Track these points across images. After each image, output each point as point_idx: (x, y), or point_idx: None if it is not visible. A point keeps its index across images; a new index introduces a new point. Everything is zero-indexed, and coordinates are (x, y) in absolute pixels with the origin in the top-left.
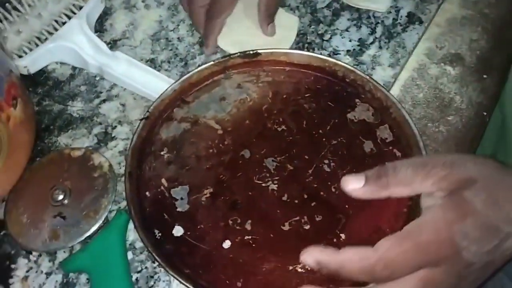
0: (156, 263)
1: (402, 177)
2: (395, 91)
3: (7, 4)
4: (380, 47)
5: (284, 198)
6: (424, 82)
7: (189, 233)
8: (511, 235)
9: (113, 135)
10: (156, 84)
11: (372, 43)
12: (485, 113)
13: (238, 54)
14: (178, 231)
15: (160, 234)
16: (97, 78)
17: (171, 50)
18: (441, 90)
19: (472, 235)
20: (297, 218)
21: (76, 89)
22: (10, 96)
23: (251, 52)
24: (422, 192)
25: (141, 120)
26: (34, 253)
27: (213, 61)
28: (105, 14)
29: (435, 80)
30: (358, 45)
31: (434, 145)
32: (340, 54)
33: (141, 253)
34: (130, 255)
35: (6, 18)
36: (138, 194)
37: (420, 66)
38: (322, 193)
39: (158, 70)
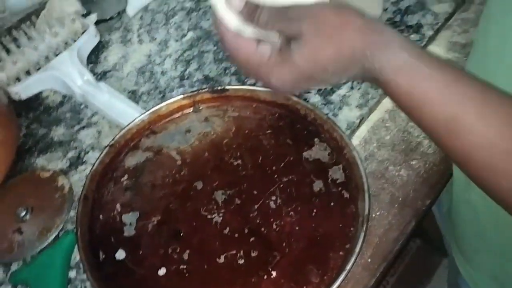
0: None
1: (261, 20)
2: (362, 132)
3: (7, 36)
4: (352, 88)
5: (226, 231)
6: (394, 124)
7: (130, 257)
8: (325, 79)
9: (84, 160)
10: (131, 114)
11: (344, 83)
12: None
13: (207, 89)
14: (120, 254)
15: (103, 256)
16: (82, 106)
17: (153, 82)
18: (410, 133)
19: (286, 78)
20: (234, 251)
21: (62, 115)
22: None
23: (219, 88)
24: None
25: (105, 147)
26: None
27: (183, 94)
28: (103, 47)
29: (405, 123)
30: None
31: (392, 189)
32: (310, 92)
33: (84, 272)
34: (74, 273)
35: (6, 48)
36: (92, 216)
37: (393, 108)
38: (263, 229)
39: (138, 101)
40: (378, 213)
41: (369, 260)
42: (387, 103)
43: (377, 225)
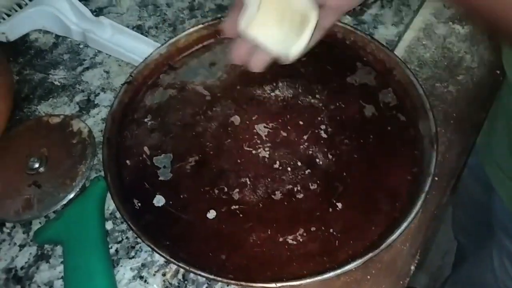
0: None
1: None
2: (399, 52)
3: None
4: (383, 6)
5: (276, 165)
6: (431, 42)
7: (171, 202)
8: None
9: (95, 102)
10: (142, 49)
11: (374, 2)
12: (498, 71)
13: None
14: (159, 201)
15: (139, 204)
16: (81, 46)
17: (159, 16)
18: (450, 49)
19: None
20: (290, 186)
21: (58, 58)
22: None
23: None
24: None
25: (123, 84)
26: (8, 224)
27: (203, 24)
28: None
29: (443, 39)
30: (359, 5)
31: (443, 105)
32: None
33: (122, 222)
34: (110, 224)
35: None
36: (118, 162)
37: (426, 26)
38: (317, 160)
39: (146, 36)
40: (437, 129)
41: (436, 178)
42: (419, 21)
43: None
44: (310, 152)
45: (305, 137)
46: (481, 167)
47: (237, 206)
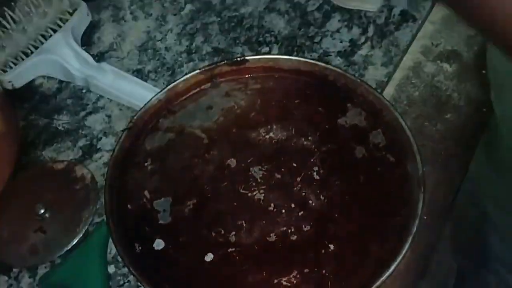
0: None
1: None
2: (389, 90)
3: None
4: (372, 47)
5: (271, 207)
6: (420, 80)
7: (170, 246)
8: None
9: (98, 147)
10: (142, 94)
11: (364, 43)
12: (484, 109)
13: (225, 61)
14: (159, 244)
15: (140, 247)
16: (84, 91)
17: (158, 59)
18: (438, 87)
19: None
20: (284, 228)
21: (62, 103)
22: None
23: (238, 59)
24: None
25: (123, 130)
26: (14, 269)
27: (199, 69)
28: (93, 28)
29: (431, 77)
30: (350, 46)
31: (432, 144)
32: (331, 55)
33: (123, 266)
34: (112, 268)
35: None
36: (119, 206)
37: (415, 64)
38: (310, 201)
39: (145, 80)
40: (424, 170)
41: (425, 217)
42: (408, 60)
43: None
44: (303, 194)
45: (298, 179)
46: (476, 195)
47: (233, 249)
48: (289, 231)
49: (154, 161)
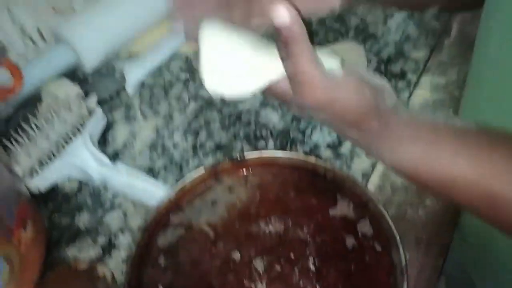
0: None
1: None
2: (374, 179)
3: (18, 129)
4: None
5: None
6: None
7: None
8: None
9: (116, 244)
10: (154, 193)
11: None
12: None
13: (227, 160)
14: None
15: None
16: (101, 190)
17: (167, 157)
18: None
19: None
20: None
21: (82, 201)
22: (21, 220)
23: (238, 158)
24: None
25: (138, 230)
26: None
27: (205, 168)
28: (108, 127)
29: None
30: (337, 138)
31: (415, 230)
32: (320, 148)
33: None
34: None
35: (17, 141)
36: None
37: None
38: None
39: (156, 177)
40: (407, 258)
41: None
42: None
43: (410, 267)
44: (301, 284)
45: (296, 269)
46: (462, 266)
47: None
48: None
49: (166, 257)
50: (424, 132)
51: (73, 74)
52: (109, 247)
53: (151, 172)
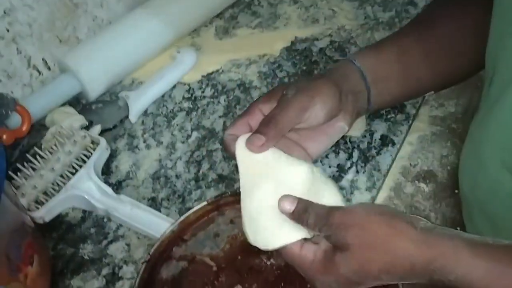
0: None
1: (308, 220)
2: None
3: (22, 160)
4: (357, 171)
5: None
6: (401, 201)
7: None
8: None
9: (119, 275)
10: (157, 224)
11: (349, 168)
12: (458, 228)
13: (229, 193)
14: None
15: None
16: (105, 220)
17: (170, 187)
18: (417, 208)
19: (332, 286)
20: None
21: (86, 232)
22: (28, 257)
23: (239, 191)
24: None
25: (142, 263)
26: None
27: (207, 201)
28: (111, 156)
29: (410, 198)
30: (337, 171)
31: None
32: None
33: None
34: None
35: (22, 172)
36: None
37: (396, 185)
38: None
39: (159, 208)
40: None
41: None
42: (389, 180)
43: None
44: None
45: None
46: None
47: None
48: None
49: None
50: (480, 245)
51: (77, 101)
52: (113, 278)
53: (154, 202)
